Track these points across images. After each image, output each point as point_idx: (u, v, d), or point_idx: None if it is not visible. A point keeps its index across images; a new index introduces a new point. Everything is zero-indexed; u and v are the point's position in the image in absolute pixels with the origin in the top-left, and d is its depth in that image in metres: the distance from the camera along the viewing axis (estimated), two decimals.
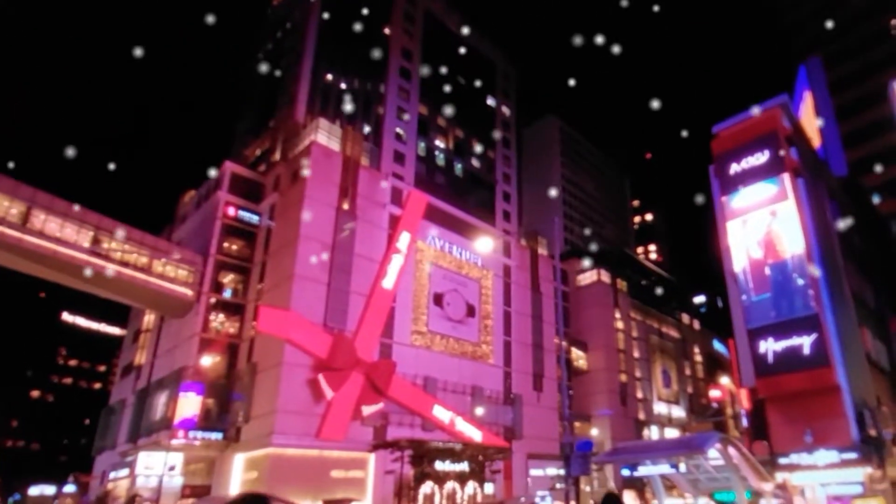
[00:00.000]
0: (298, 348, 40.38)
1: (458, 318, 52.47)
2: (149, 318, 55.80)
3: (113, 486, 47.92)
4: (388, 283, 46.77)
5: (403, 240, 48.83)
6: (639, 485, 58.68)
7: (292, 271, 42.36)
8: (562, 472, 26.35)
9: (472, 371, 51.75)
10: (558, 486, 44.91)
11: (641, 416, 70.31)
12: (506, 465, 48.84)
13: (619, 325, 71.43)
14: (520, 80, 71.85)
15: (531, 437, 53.48)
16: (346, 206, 45.77)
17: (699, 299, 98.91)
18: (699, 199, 44.17)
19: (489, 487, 41.26)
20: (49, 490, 77.02)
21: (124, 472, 45.20)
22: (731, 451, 24.49)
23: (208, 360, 43.79)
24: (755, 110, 41.18)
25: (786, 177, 37.80)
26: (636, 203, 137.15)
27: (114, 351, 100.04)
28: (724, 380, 69.10)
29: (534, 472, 53.35)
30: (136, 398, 51.11)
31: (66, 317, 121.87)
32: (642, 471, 27.24)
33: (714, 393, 71.58)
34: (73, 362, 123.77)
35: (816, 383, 33.68)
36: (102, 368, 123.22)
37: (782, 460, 33.24)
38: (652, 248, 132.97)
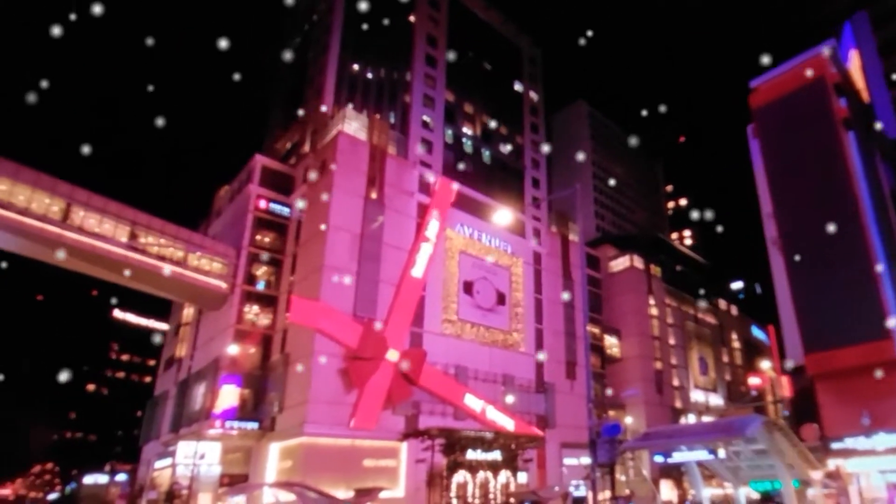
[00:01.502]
0: (329, 338, 39.77)
1: (489, 306, 51.17)
2: (188, 312, 56.22)
3: (157, 474, 48.53)
4: (417, 271, 45.76)
5: (432, 228, 47.72)
6: (675, 473, 56.46)
7: (322, 262, 41.78)
8: None
9: (503, 359, 50.40)
10: (592, 475, 43.32)
11: (678, 404, 67.84)
12: (539, 454, 47.43)
13: (654, 311, 68.98)
14: (547, 65, 69.89)
15: (564, 426, 51.88)
16: (373, 196, 44.88)
17: (737, 285, 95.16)
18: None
19: (522, 477, 39.97)
20: (102, 479, 79.11)
21: (167, 461, 45.62)
22: (777, 435, 22.44)
23: (244, 351, 43.72)
24: (798, 59, 37.06)
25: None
26: (669, 188, 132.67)
27: (162, 345, 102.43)
28: (765, 364, 66.11)
29: (568, 461, 51.78)
30: (178, 389, 51.53)
31: (118, 314, 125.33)
32: (677, 457, 25.14)
33: (753, 380, 68.66)
34: (124, 357, 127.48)
35: (874, 358, 30.31)
36: (152, 363, 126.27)
37: (835, 445, 30.34)
38: (687, 233, 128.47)
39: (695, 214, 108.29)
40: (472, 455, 35.98)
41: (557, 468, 50.71)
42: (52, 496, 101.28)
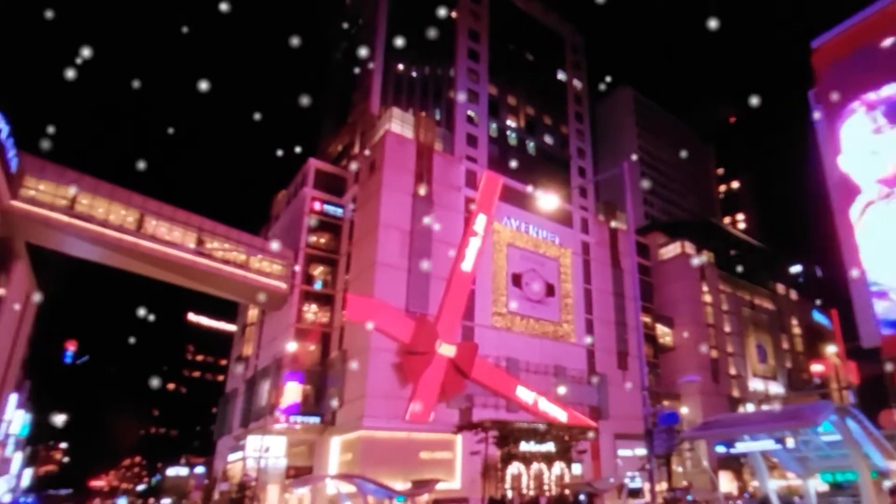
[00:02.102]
0: (383, 333, 39.70)
1: (538, 297, 49.96)
2: (253, 313, 57.50)
3: (230, 467, 50.00)
4: (466, 265, 45.08)
5: (480, 222, 46.90)
6: (735, 464, 53.58)
7: (374, 259, 41.78)
8: None
9: (554, 351, 49.09)
10: (648, 466, 41.57)
11: (735, 393, 64.44)
12: (593, 445, 45.90)
13: (707, 298, 65.73)
14: (589, 52, 67.37)
15: (618, 417, 49.91)
16: (422, 192, 44.53)
17: (796, 269, 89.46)
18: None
19: (577, 468, 38.82)
20: (183, 472, 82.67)
21: (239, 454, 46.85)
22: (851, 423, 20.40)
23: (304, 349, 44.30)
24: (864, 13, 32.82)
25: None
26: (721, 171, 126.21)
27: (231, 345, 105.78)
28: (831, 349, 61.88)
29: (622, 452, 49.94)
30: (246, 387, 52.71)
31: (192, 317, 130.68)
32: (740, 447, 23.08)
33: (816, 367, 64.34)
34: (199, 357, 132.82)
35: None
36: (224, 362, 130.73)
37: None
38: (740, 217, 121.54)
39: (748, 197, 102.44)
40: (525, 447, 35.21)
41: (612, 459, 48.98)
42: (141, 487, 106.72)
